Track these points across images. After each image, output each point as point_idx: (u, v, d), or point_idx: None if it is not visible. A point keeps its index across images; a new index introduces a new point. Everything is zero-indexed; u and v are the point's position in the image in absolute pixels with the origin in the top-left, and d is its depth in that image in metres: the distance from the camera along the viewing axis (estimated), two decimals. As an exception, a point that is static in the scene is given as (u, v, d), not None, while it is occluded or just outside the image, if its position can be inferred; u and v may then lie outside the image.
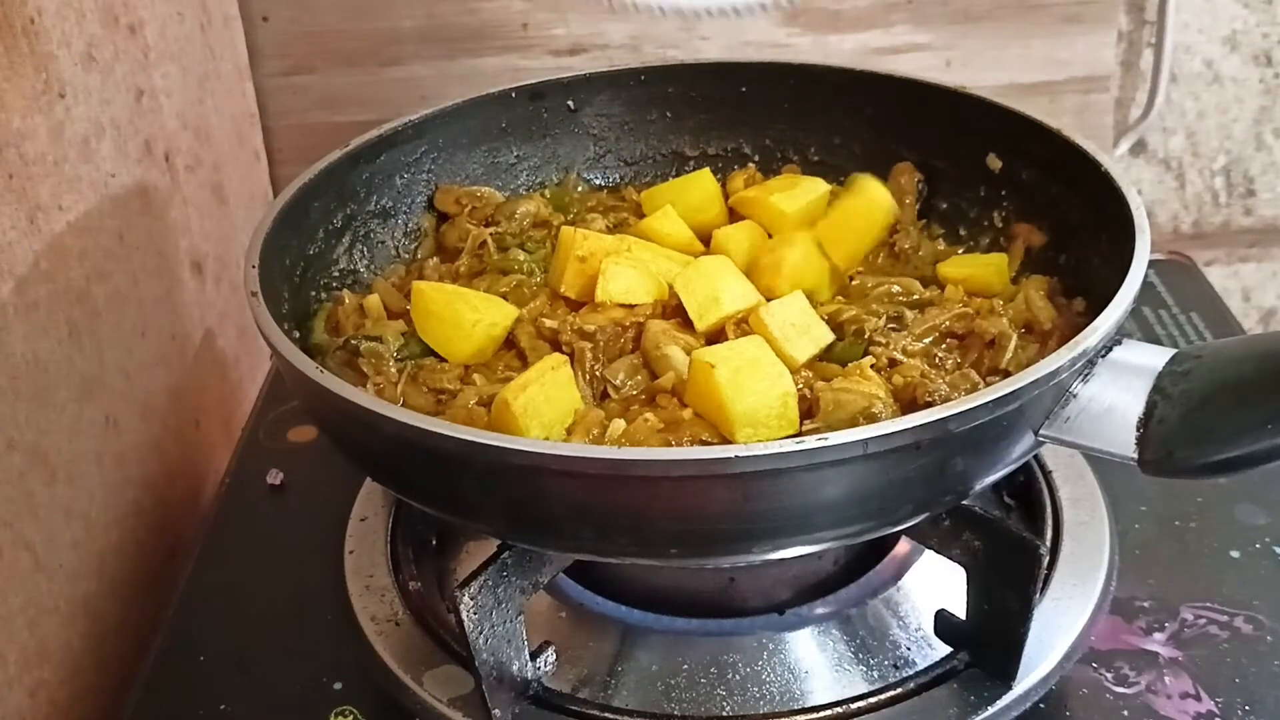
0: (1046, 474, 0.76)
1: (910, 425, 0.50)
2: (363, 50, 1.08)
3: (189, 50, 0.93)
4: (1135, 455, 0.53)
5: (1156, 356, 0.56)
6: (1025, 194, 0.75)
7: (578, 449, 0.52)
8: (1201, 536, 0.73)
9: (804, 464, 0.49)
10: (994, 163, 0.77)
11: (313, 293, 0.73)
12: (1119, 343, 0.57)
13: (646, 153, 0.87)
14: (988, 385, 0.57)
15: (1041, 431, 0.55)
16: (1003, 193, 0.77)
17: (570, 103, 0.86)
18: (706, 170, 0.84)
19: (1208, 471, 0.53)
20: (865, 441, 0.49)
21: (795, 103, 0.85)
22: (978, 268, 0.74)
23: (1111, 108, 1.17)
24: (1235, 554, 0.71)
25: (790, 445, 0.49)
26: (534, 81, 0.84)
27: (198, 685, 0.67)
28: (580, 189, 0.86)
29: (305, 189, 0.72)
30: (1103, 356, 0.56)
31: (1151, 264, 0.99)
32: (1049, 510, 0.74)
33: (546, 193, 0.85)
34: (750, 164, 0.86)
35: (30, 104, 0.68)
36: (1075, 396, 0.55)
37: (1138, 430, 0.53)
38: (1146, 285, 0.97)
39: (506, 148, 0.85)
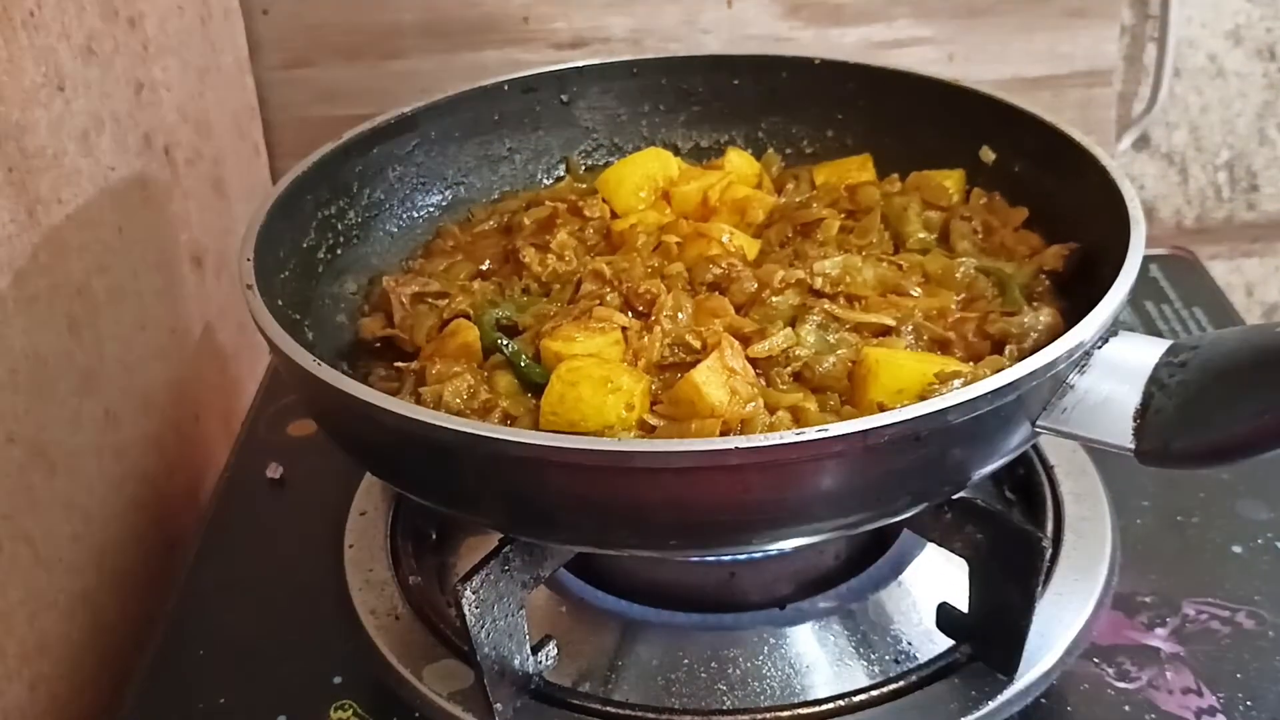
0: (1048, 469, 0.76)
1: (909, 416, 0.50)
2: (363, 44, 1.08)
3: (189, 43, 0.93)
4: (1132, 446, 0.53)
5: (1153, 348, 0.56)
6: (1019, 186, 0.75)
7: (578, 441, 0.52)
8: (1203, 531, 0.73)
9: (804, 455, 0.49)
10: (987, 155, 0.77)
11: (325, 286, 0.73)
12: (1115, 334, 0.57)
13: (639, 146, 0.87)
14: None
15: (1039, 422, 0.55)
16: (996, 185, 0.77)
17: (563, 95, 0.85)
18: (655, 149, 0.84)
19: (1204, 462, 0.54)
20: (865, 433, 0.49)
21: (788, 95, 0.85)
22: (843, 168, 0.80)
23: (1114, 102, 1.17)
24: (1237, 549, 0.71)
25: (790, 436, 0.49)
26: (527, 74, 0.84)
27: (197, 679, 0.67)
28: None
29: (298, 182, 0.71)
30: (1099, 348, 0.56)
31: (1154, 259, 1.01)
32: (1050, 505, 0.74)
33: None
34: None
35: (30, 97, 0.68)
36: (1073, 388, 0.55)
37: (1134, 421, 0.53)
38: (1149, 280, 0.98)
39: (499, 140, 0.84)
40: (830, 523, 0.55)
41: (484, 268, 0.76)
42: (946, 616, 0.65)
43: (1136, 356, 0.55)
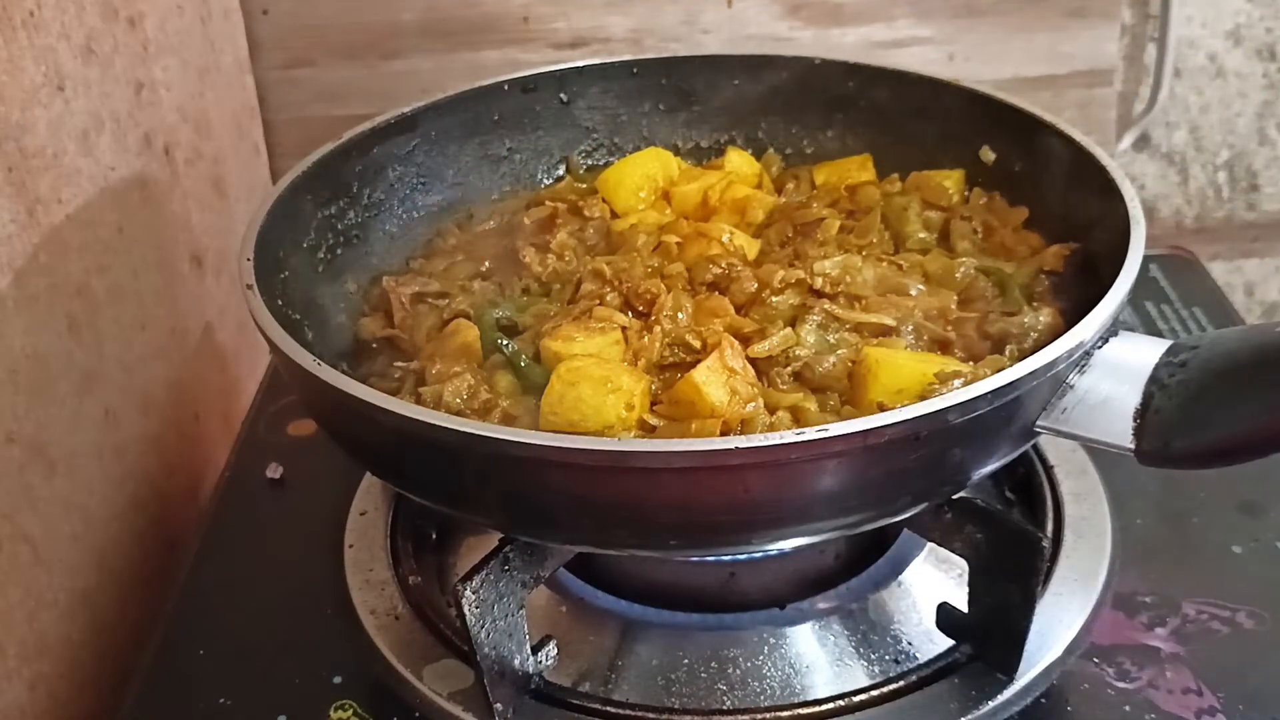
0: (1048, 469, 0.76)
1: (909, 416, 0.50)
2: (363, 43, 1.08)
3: (189, 43, 0.93)
4: (1132, 446, 0.53)
5: (1153, 348, 0.56)
6: (1019, 186, 0.75)
7: (578, 441, 0.52)
8: (1203, 531, 0.73)
9: (804, 455, 0.49)
10: (987, 155, 0.77)
11: (325, 286, 0.73)
12: (1115, 334, 0.57)
13: (639, 146, 0.87)
14: None
15: (1039, 422, 0.55)
16: (996, 185, 0.77)
17: (563, 95, 0.85)
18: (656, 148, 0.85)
19: (1204, 462, 0.54)
20: (865, 433, 0.49)
21: (787, 95, 0.85)
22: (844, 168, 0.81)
23: (1115, 102, 1.17)
24: (1237, 549, 0.71)
25: (790, 436, 0.49)
26: (527, 74, 0.84)
27: (197, 679, 0.67)
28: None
29: (298, 182, 0.72)
30: (1099, 348, 0.56)
31: (1154, 259, 1.01)
32: (1050, 505, 0.74)
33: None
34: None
35: (30, 97, 0.68)
36: (1073, 388, 0.55)
37: (1134, 421, 0.53)
38: (1149, 280, 0.98)
39: (498, 140, 0.85)
40: (830, 523, 0.55)
41: (484, 268, 0.76)
42: (947, 616, 0.65)
43: (1136, 356, 0.55)
